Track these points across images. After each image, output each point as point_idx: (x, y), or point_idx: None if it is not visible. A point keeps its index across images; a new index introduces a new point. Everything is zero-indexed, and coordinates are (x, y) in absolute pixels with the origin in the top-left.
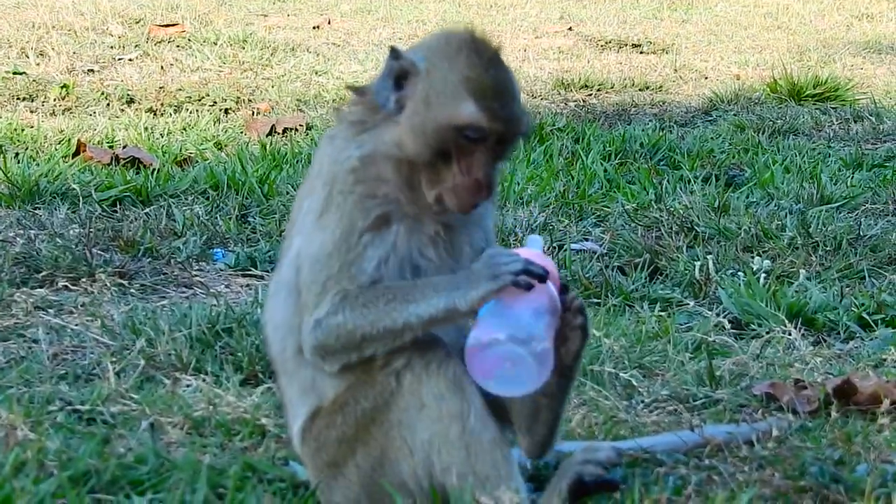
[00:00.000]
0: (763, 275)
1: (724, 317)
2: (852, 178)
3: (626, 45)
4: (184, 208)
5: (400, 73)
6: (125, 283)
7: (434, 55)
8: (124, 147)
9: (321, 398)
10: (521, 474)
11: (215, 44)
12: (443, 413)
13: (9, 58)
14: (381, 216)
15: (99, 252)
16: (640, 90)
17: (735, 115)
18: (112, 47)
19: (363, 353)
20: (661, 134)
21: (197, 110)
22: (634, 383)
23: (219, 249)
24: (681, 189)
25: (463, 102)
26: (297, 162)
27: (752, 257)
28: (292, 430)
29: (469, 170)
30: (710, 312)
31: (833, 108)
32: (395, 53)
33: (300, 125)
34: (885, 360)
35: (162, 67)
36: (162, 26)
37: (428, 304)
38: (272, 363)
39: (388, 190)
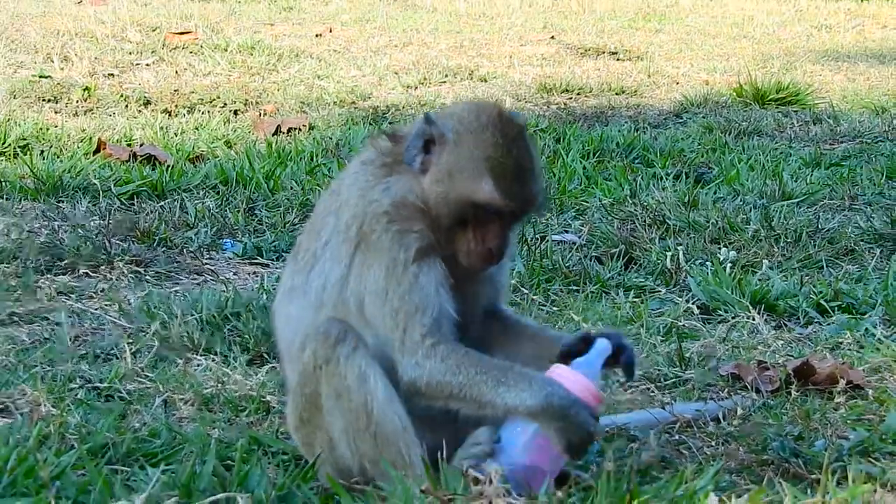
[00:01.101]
0: (729, 264)
1: (693, 303)
2: (811, 175)
3: (604, 52)
4: (196, 202)
5: (429, 138)
6: (141, 270)
7: (463, 128)
8: (141, 145)
9: None
10: None
11: (226, 50)
12: (351, 404)
13: (35, 62)
14: (421, 249)
15: (117, 242)
16: (616, 94)
17: (704, 117)
18: (130, 53)
19: (448, 405)
20: (635, 134)
21: (208, 111)
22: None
23: (228, 240)
24: (654, 185)
25: (483, 180)
26: (300, 159)
27: (719, 248)
28: (288, 409)
29: (483, 239)
30: (680, 299)
31: (794, 111)
32: (427, 119)
33: (303, 125)
34: (840, 343)
35: (176, 72)
36: (177, 34)
37: (517, 397)
38: (279, 349)
39: (421, 227)
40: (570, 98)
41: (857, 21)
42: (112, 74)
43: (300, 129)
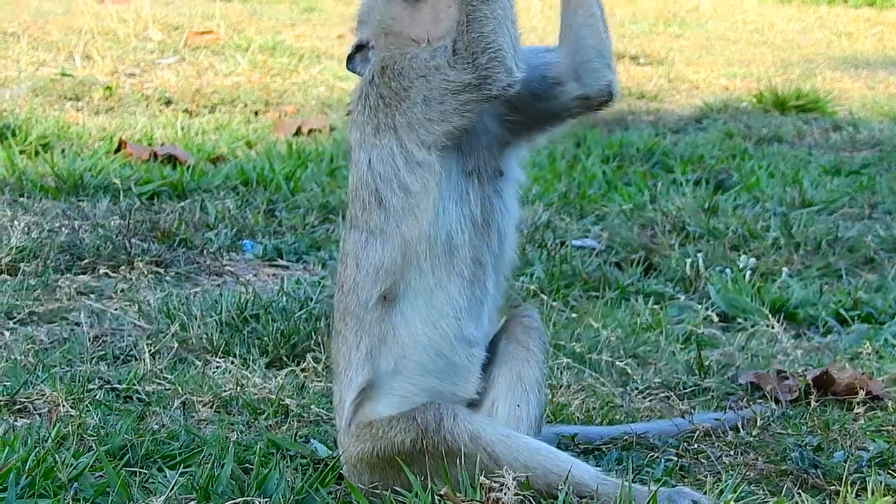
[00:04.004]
0: (749, 272)
1: (713, 310)
2: (831, 183)
3: (625, 57)
4: (216, 202)
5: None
6: (161, 271)
7: None
8: (162, 145)
9: (375, 370)
10: None
11: (247, 50)
12: (466, 459)
13: (57, 60)
14: None
15: (137, 242)
16: (636, 99)
17: (724, 123)
18: (152, 52)
19: None
20: (655, 140)
21: (229, 112)
22: (629, 371)
23: (248, 241)
24: (673, 191)
25: None
26: (320, 161)
27: (739, 256)
28: (341, 399)
29: None
30: (699, 306)
31: (814, 118)
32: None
33: (324, 127)
34: (860, 353)
35: (198, 72)
36: (198, 33)
37: None
38: (342, 313)
39: None
40: None
41: (877, 28)
42: (133, 74)
43: (321, 131)
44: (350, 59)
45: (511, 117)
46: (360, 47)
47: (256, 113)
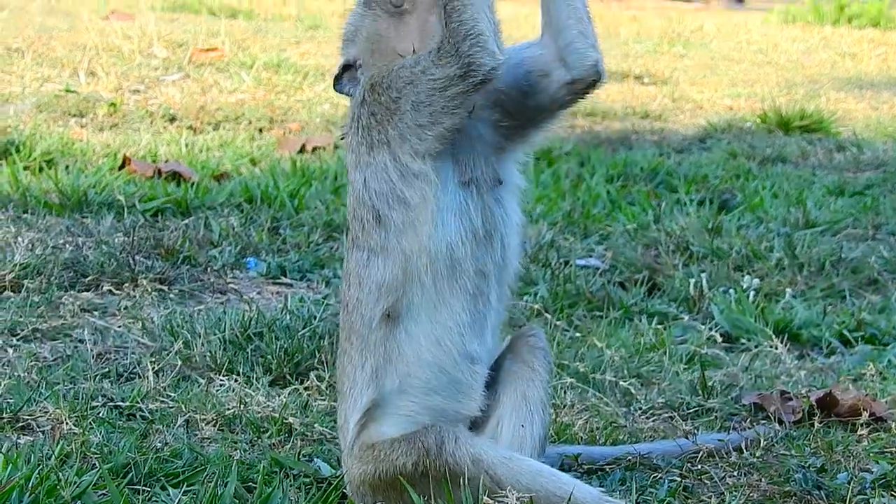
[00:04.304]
0: (752, 292)
1: (716, 331)
2: (835, 204)
3: (629, 76)
4: (220, 220)
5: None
6: (165, 288)
7: None
8: (166, 162)
9: (380, 390)
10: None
11: (252, 68)
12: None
13: (61, 77)
14: None
15: (141, 259)
16: (640, 118)
17: (728, 143)
18: (156, 69)
19: None
20: (659, 159)
21: (233, 129)
22: (633, 391)
23: (252, 258)
24: (677, 211)
25: None
26: (324, 179)
27: (743, 276)
28: (346, 419)
29: None
30: (703, 326)
31: (818, 138)
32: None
33: (328, 144)
34: (863, 374)
35: (202, 88)
36: (203, 50)
37: None
38: (347, 332)
39: None
40: (595, 122)
41: (881, 49)
42: (138, 90)
43: (325, 148)
44: (337, 79)
45: (505, 123)
46: (347, 67)
47: (261, 130)
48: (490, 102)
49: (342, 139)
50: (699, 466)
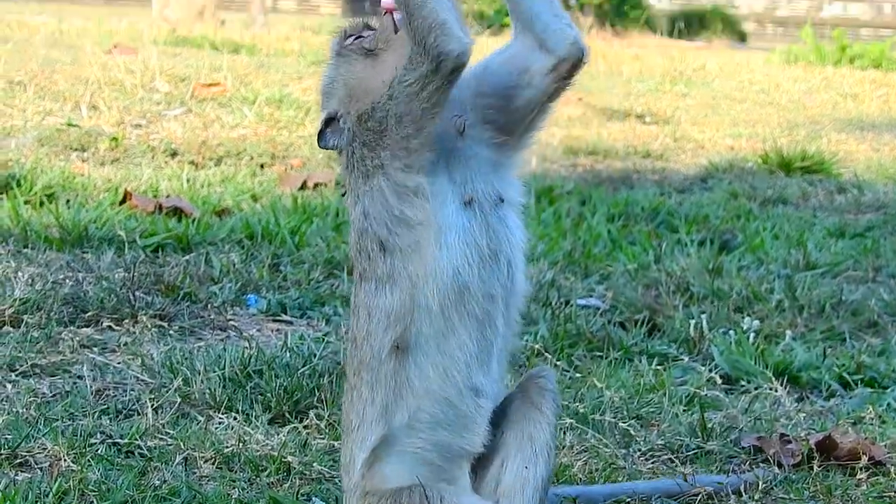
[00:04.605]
0: (752, 334)
1: (716, 372)
2: (836, 245)
3: (631, 115)
4: (221, 256)
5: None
6: (165, 324)
7: None
8: (167, 197)
9: (389, 426)
10: None
11: (254, 103)
12: None
13: (63, 110)
14: None
15: (141, 295)
16: (642, 157)
17: (729, 183)
18: (158, 103)
19: None
20: (660, 199)
21: (235, 164)
22: (632, 432)
23: (252, 295)
24: (678, 251)
25: None
26: (326, 215)
27: (743, 317)
28: (352, 458)
29: None
30: (703, 368)
31: (819, 180)
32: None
33: (330, 181)
34: (863, 417)
35: (204, 123)
36: (205, 85)
37: None
38: (356, 368)
39: None
40: (597, 160)
41: (883, 90)
42: (140, 125)
43: (326, 185)
44: (321, 135)
45: (497, 140)
46: (329, 121)
47: (262, 166)
48: (479, 119)
49: (343, 196)
50: None
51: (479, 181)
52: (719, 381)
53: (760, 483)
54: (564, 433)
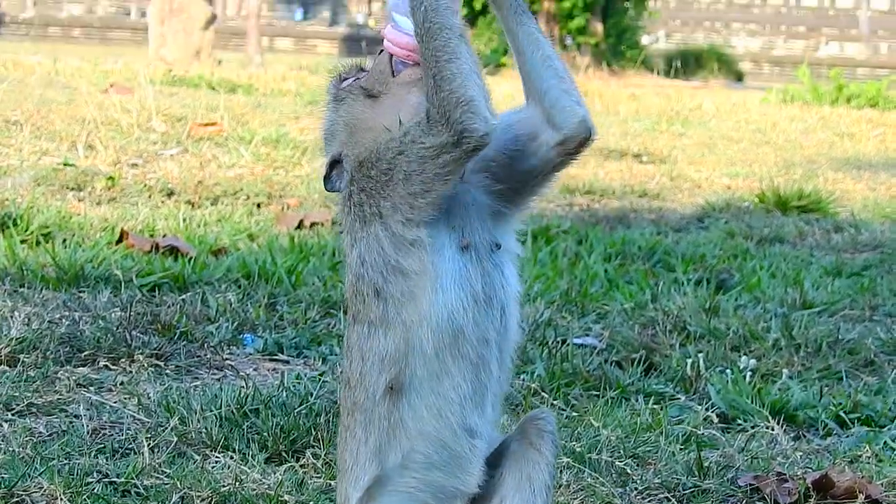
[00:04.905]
0: (749, 373)
1: (713, 411)
2: (832, 284)
3: (628, 154)
4: (217, 295)
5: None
6: (161, 364)
7: None
8: (164, 236)
9: (383, 466)
10: None
11: (250, 143)
12: None
13: (59, 150)
14: None
15: (138, 334)
16: (639, 197)
17: (726, 222)
18: (155, 143)
19: None
20: (657, 238)
21: (232, 204)
22: (629, 471)
23: (249, 335)
24: (675, 290)
25: None
26: (322, 255)
27: (740, 356)
28: (346, 498)
29: None
30: (699, 407)
31: (816, 219)
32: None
33: (326, 220)
34: (860, 456)
35: (201, 163)
36: (202, 125)
37: None
38: (350, 409)
39: None
40: (593, 200)
41: (879, 130)
42: (136, 164)
43: (323, 224)
44: (327, 178)
45: (496, 187)
46: (334, 164)
47: (259, 205)
48: (480, 168)
49: (341, 233)
50: None
51: (477, 227)
52: (716, 419)
53: None
54: (561, 472)
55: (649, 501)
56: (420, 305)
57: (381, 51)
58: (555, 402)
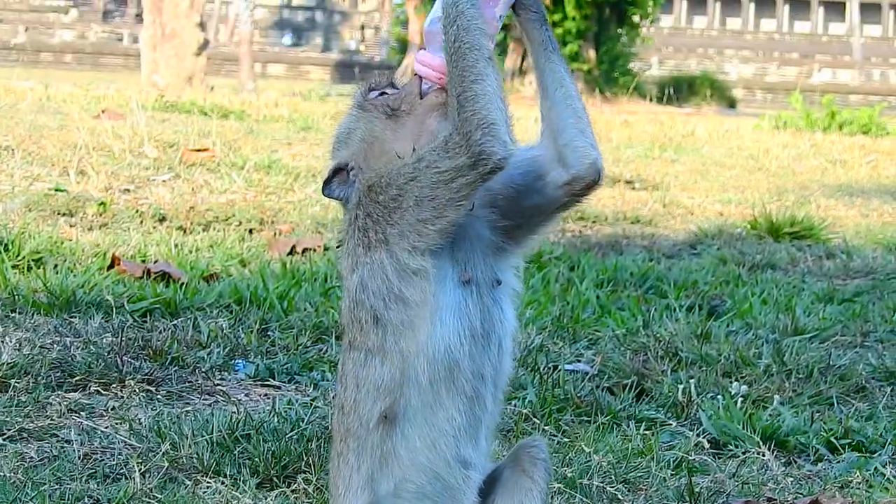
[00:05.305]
0: (740, 399)
1: (704, 437)
2: (824, 311)
3: (620, 181)
4: (209, 321)
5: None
6: (153, 389)
7: None
8: (155, 262)
9: (375, 494)
10: None
11: (242, 168)
12: None
13: (51, 176)
14: None
15: (129, 360)
16: (631, 223)
17: (718, 249)
18: (147, 168)
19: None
20: (649, 264)
21: (223, 229)
22: (620, 497)
23: (240, 360)
24: (667, 317)
25: None
26: (314, 280)
27: (731, 382)
28: None
29: None
30: (691, 433)
31: (808, 245)
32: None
33: (318, 246)
34: (850, 481)
35: (192, 189)
36: (194, 151)
37: None
38: (343, 435)
39: None
40: (585, 226)
41: (872, 156)
42: (128, 190)
43: (315, 250)
44: (327, 183)
45: (501, 223)
46: (338, 170)
47: (251, 231)
48: (486, 202)
49: (338, 247)
50: None
51: (479, 262)
52: (707, 445)
53: None
54: (553, 498)
55: None
56: (418, 336)
57: (415, 75)
58: (546, 428)
